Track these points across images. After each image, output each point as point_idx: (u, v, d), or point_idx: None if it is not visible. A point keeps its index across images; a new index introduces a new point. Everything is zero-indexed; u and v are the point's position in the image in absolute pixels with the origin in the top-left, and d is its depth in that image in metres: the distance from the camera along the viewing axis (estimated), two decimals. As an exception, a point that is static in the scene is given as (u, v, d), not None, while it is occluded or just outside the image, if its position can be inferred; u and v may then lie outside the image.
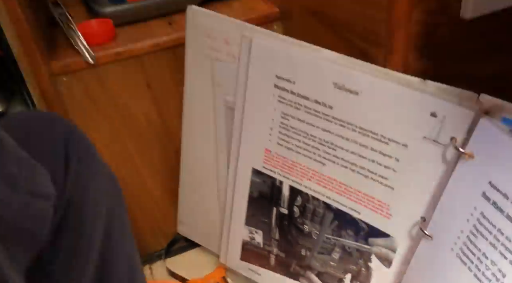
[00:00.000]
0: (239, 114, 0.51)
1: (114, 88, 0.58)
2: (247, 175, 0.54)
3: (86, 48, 0.55)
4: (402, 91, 0.39)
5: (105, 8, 0.60)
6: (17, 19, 0.50)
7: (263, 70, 0.48)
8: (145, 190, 0.67)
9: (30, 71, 0.53)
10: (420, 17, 0.37)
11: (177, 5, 0.62)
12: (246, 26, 0.48)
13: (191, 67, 0.55)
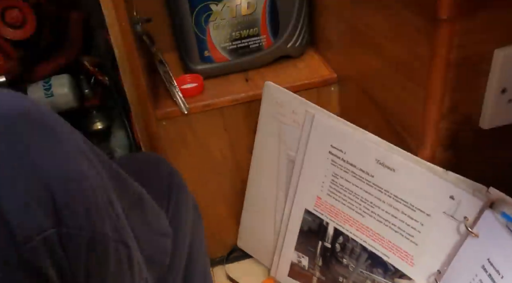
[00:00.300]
0: (298, 167, 0.65)
1: (199, 131, 0.73)
2: (300, 213, 0.68)
3: (183, 101, 0.70)
4: (428, 176, 0.51)
5: (197, 66, 0.74)
6: (137, 77, 0.65)
7: (321, 139, 0.61)
8: (214, 208, 0.82)
9: (141, 116, 0.69)
10: (447, 125, 0.48)
11: (252, 65, 0.76)
12: (309, 104, 0.61)
13: (263, 124, 0.69)
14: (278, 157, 0.69)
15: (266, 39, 0.74)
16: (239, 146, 0.76)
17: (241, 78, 0.76)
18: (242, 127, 0.75)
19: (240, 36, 0.73)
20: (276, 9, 0.72)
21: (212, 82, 0.75)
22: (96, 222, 0.31)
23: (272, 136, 0.68)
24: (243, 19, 0.71)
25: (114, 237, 0.32)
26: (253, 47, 0.74)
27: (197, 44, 0.72)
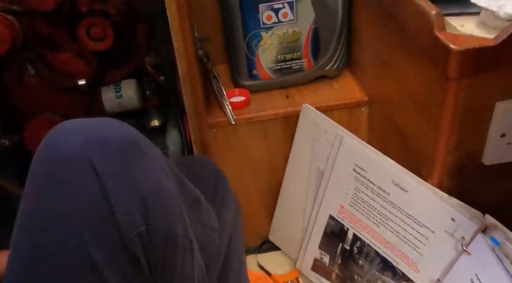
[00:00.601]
0: (326, 179, 0.75)
1: (243, 138, 0.85)
2: (325, 218, 0.79)
3: (231, 113, 0.82)
4: (435, 200, 0.60)
5: (245, 82, 0.86)
6: (196, 91, 0.77)
7: (347, 157, 0.71)
8: (252, 204, 0.94)
9: (195, 123, 0.81)
10: (453, 159, 0.57)
11: (293, 83, 0.87)
12: (340, 127, 0.71)
13: (299, 138, 0.80)
14: (309, 168, 0.79)
15: (307, 62, 0.84)
16: (276, 154, 0.87)
17: (282, 95, 0.87)
18: (280, 138, 0.86)
19: (285, 58, 0.83)
20: (318, 37, 0.82)
21: (257, 96, 0.87)
22: (171, 222, 0.43)
23: (306, 149, 0.79)
24: (288, 45, 0.81)
25: (182, 233, 0.44)
26: (295, 68, 0.85)
27: (247, 64, 0.83)
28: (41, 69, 0.89)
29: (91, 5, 0.85)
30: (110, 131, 0.41)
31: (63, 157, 0.37)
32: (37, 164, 0.38)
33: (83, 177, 0.37)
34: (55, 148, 0.37)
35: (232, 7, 0.77)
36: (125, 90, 0.97)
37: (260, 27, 0.79)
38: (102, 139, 0.39)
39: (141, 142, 0.42)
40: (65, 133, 0.38)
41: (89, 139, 0.38)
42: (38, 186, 0.38)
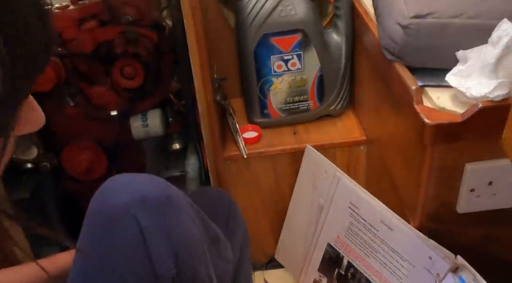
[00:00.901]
0: (325, 211, 0.85)
1: (254, 170, 0.95)
2: (324, 245, 0.89)
3: (244, 147, 0.93)
4: (416, 240, 0.70)
5: (257, 119, 0.96)
6: (213, 129, 0.88)
7: (343, 195, 0.80)
8: (260, 226, 1.04)
9: (212, 155, 0.92)
10: (431, 206, 0.66)
11: (300, 121, 0.97)
12: (337, 169, 0.81)
13: (302, 173, 0.90)
14: (312, 200, 0.89)
15: (313, 103, 0.94)
16: (283, 184, 0.98)
17: (290, 131, 0.97)
18: (287, 170, 0.96)
19: (293, 100, 0.93)
20: (323, 82, 0.92)
21: (268, 132, 0.97)
22: (196, 266, 0.51)
23: (308, 184, 0.89)
24: (296, 89, 0.92)
25: (205, 273, 0.52)
26: (302, 109, 0.95)
27: (259, 104, 0.94)
28: (79, 101, 1.02)
29: (124, 47, 0.97)
30: (151, 190, 0.49)
31: (114, 212, 0.46)
32: (91, 218, 0.48)
33: (129, 230, 0.46)
34: (106, 206, 0.47)
35: (247, 56, 0.88)
36: (151, 119, 1.08)
37: (271, 74, 0.89)
38: (144, 197, 0.48)
39: (175, 198, 0.51)
40: (115, 191, 0.48)
41: (134, 197, 0.47)
42: (92, 240, 0.48)
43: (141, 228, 0.46)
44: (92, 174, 1.09)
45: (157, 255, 0.47)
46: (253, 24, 0.82)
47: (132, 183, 0.50)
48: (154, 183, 0.51)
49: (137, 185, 0.49)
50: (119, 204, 0.47)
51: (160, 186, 0.51)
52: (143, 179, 0.51)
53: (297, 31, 0.84)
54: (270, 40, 0.84)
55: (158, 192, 0.50)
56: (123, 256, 0.47)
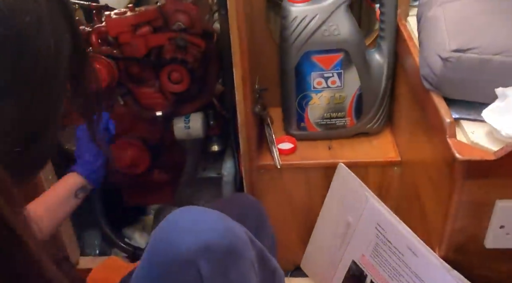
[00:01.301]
0: (352, 230, 0.86)
1: (286, 181, 0.98)
2: (348, 261, 0.90)
3: (278, 158, 0.95)
4: (440, 269, 0.70)
5: (294, 131, 0.98)
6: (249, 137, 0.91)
7: (371, 217, 0.81)
8: (288, 235, 1.07)
9: (248, 162, 0.96)
10: (458, 238, 0.66)
11: (336, 137, 0.98)
12: (367, 190, 0.82)
13: (332, 190, 0.91)
14: (340, 216, 0.91)
15: (350, 120, 0.95)
16: (314, 197, 1.00)
17: (325, 145, 0.99)
18: (319, 184, 0.98)
19: (330, 116, 0.95)
20: (361, 101, 0.92)
21: (303, 144, 0.99)
22: None
23: (338, 200, 0.90)
24: (334, 106, 0.93)
25: None
26: (338, 125, 0.96)
27: (296, 117, 0.96)
28: (128, 101, 1.08)
29: (173, 53, 1.02)
30: (216, 237, 0.48)
31: (177, 258, 0.46)
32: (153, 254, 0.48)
33: (190, 279, 0.46)
34: (171, 246, 0.46)
35: (288, 71, 0.90)
36: (193, 121, 1.13)
37: (311, 90, 0.91)
38: (208, 245, 0.47)
39: (239, 247, 0.50)
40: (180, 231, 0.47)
41: (198, 244, 0.46)
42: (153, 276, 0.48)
43: (202, 278, 0.46)
44: (135, 169, 1.15)
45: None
46: (296, 42, 0.84)
47: (198, 226, 0.48)
48: (220, 229, 0.49)
49: (203, 230, 0.48)
50: (182, 250, 0.46)
51: (226, 233, 0.49)
52: (209, 221, 0.49)
53: (339, 51, 0.85)
54: (311, 57, 0.86)
55: (224, 241, 0.48)
56: None
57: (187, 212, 0.50)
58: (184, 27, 1.05)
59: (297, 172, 0.96)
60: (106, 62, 1.00)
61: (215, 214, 0.51)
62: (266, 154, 0.98)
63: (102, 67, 0.99)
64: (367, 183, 0.92)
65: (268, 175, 0.97)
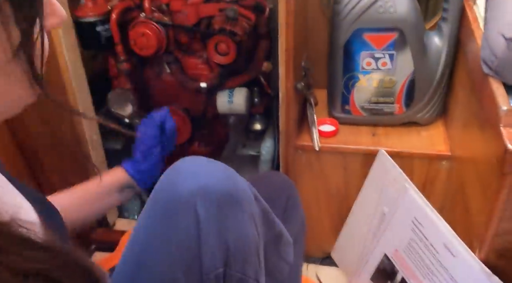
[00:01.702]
0: (387, 221, 0.81)
1: (324, 164, 0.94)
2: (380, 255, 0.85)
3: (317, 140, 0.92)
4: (478, 273, 0.63)
5: (337, 114, 0.94)
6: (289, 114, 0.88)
7: (408, 209, 0.76)
8: (320, 222, 1.03)
9: (285, 142, 0.93)
10: (501, 242, 0.60)
11: (381, 123, 0.92)
12: (408, 181, 0.76)
13: (371, 178, 0.86)
14: (376, 206, 0.86)
15: (398, 107, 0.89)
16: (351, 184, 0.95)
17: (369, 132, 0.93)
18: (357, 171, 0.93)
19: (377, 101, 0.89)
20: (413, 87, 0.86)
21: (346, 128, 0.94)
22: (246, 267, 0.51)
23: (375, 189, 0.85)
24: (383, 90, 0.87)
25: (253, 277, 0.52)
26: (386, 111, 0.90)
27: (341, 99, 0.91)
28: (175, 70, 1.09)
29: (223, 25, 1.00)
30: (215, 182, 0.49)
31: (177, 198, 0.48)
32: (156, 197, 0.49)
33: (187, 218, 0.47)
34: (172, 188, 0.48)
35: (337, 49, 0.86)
36: (236, 96, 1.12)
37: (358, 71, 0.86)
38: (207, 188, 0.48)
39: (239, 195, 0.50)
40: (182, 176, 0.49)
41: (198, 187, 0.47)
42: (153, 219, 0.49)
43: (199, 219, 0.47)
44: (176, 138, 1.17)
45: (207, 249, 0.48)
46: (347, 17, 0.79)
47: (200, 171, 0.49)
48: (221, 176, 0.50)
49: (204, 174, 0.49)
50: (183, 191, 0.48)
51: (227, 180, 0.50)
52: (212, 168, 0.50)
53: (393, 30, 0.79)
54: (362, 35, 0.81)
55: (223, 186, 0.49)
56: (176, 242, 0.48)
57: (193, 159, 0.51)
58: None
59: (335, 156, 0.92)
60: (156, 28, 1.00)
61: (219, 164, 0.51)
62: (306, 135, 0.95)
63: (152, 33, 1.00)
64: (411, 175, 0.87)
65: (305, 156, 0.94)
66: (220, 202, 0.49)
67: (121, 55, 1.03)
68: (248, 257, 0.51)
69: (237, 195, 0.50)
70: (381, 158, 0.83)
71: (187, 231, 0.48)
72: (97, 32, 0.99)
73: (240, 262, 0.50)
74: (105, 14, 0.99)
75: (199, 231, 0.47)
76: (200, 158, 0.52)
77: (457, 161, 0.82)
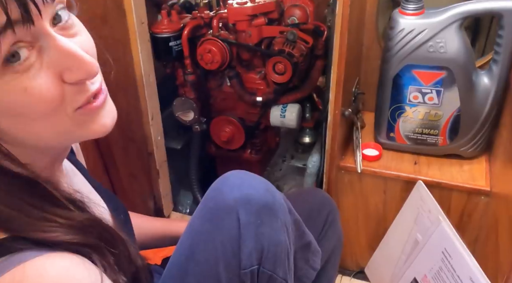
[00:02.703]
0: (419, 248, 0.86)
1: (364, 186, 1.00)
2: (410, 278, 0.90)
3: (360, 163, 0.97)
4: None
5: (382, 140, 0.99)
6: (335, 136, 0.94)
7: (440, 240, 0.80)
8: (357, 238, 1.09)
9: (329, 161, 0.99)
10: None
11: (424, 153, 0.96)
12: (442, 214, 0.80)
13: (407, 205, 0.91)
14: (410, 232, 0.90)
15: (442, 140, 0.93)
16: (389, 206, 1.00)
17: (411, 159, 0.98)
18: (397, 196, 0.98)
19: (422, 132, 0.93)
20: (459, 122, 0.89)
21: (389, 153, 0.99)
22: (276, 267, 0.60)
23: (411, 216, 0.90)
24: (428, 122, 0.91)
25: (282, 277, 0.60)
26: (429, 142, 0.94)
27: (387, 126, 0.96)
28: (234, 83, 1.18)
29: (282, 46, 1.08)
30: (256, 193, 0.58)
31: (223, 204, 0.57)
32: (207, 202, 0.59)
33: (230, 222, 0.57)
34: (219, 195, 0.58)
35: (386, 80, 0.91)
36: (289, 112, 1.20)
37: (405, 103, 0.90)
38: (249, 199, 0.57)
39: (274, 206, 0.59)
40: (229, 186, 0.59)
41: (242, 196, 0.57)
42: (203, 221, 0.59)
43: (240, 223, 0.57)
44: (230, 145, 1.27)
45: (245, 248, 0.57)
46: (398, 53, 0.84)
47: (244, 183, 0.59)
48: (262, 189, 0.59)
49: (247, 186, 0.59)
50: (228, 199, 0.57)
51: (266, 192, 0.59)
52: (254, 182, 0.60)
53: (442, 68, 0.83)
54: (412, 71, 0.85)
55: (262, 198, 0.58)
56: (220, 241, 0.57)
57: (238, 173, 0.60)
58: (297, 22, 1.10)
59: (376, 180, 0.98)
60: (221, 45, 1.10)
61: (261, 179, 0.60)
62: (350, 157, 1.01)
63: (217, 50, 1.10)
64: (448, 207, 0.90)
65: (348, 176, 1.00)
66: (259, 211, 0.58)
67: (188, 67, 1.14)
68: (278, 259, 0.60)
69: (274, 206, 0.59)
70: (419, 188, 0.88)
71: (230, 232, 0.57)
72: (169, 46, 1.11)
73: (271, 262, 0.59)
74: (177, 31, 1.10)
75: (240, 234, 0.56)
76: (245, 172, 0.62)
77: (495, 197, 0.85)
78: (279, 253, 0.60)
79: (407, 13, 0.82)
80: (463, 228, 0.78)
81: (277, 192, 0.62)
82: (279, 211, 0.60)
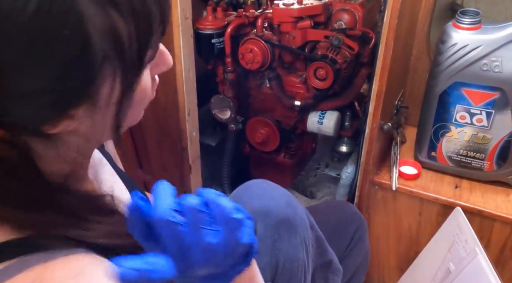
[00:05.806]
0: (451, 279, 0.80)
1: (398, 205, 0.95)
2: (437, 308, 0.84)
3: (396, 180, 0.92)
4: None
5: (422, 159, 0.93)
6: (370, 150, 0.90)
7: (474, 273, 0.74)
8: (387, 258, 1.04)
9: (363, 175, 0.95)
10: None
11: (467, 177, 0.89)
12: (479, 246, 0.74)
13: (443, 231, 0.85)
14: (443, 260, 0.85)
15: (489, 165, 0.86)
16: (423, 229, 0.94)
17: (452, 182, 0.91)
18: (432, 219, 0.92)
19: (467, 154, 0.87)
20: (510, 147, 0.82)
21: (428, 173, 0.93)
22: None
23: (445, 243, 0.84)
24: (475, 145, 0.85)
25: None
26: (474, 166, 0.87)
27: (429, 145, 0.91)
28: (274, 85, 1.16)
29: (325, 51, 1.05)
30: (276, 206, 0.57)
31: None
32: None
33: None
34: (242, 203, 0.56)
35: (432, 96, 0.85)
36: (327, 119, 1.16)
37: (451, 122, 0.84)
38: (268, 212, 0.56)
39: (295, 221, 0.57)
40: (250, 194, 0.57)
41: (261, 208, 0.56)
42: None
43: (256, 234, 0.55)
44: (264, 147, 1.25)
45: (259, 262, 0.53)
46: (448, 69, 0.79)
47: (266, 194, 0.58)
48: (283, 201, 0.57)
49: (268, 198, 0.57)
50: (246, 208, 0.56)
51: (287, 206, 0.57)
52: (276, 194, 0.58)
53: (495, 89, 0.76)
54: (461, 89, 0.79)
55: (283, 211, 0.56)
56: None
57: (261, 182, 0.59)
58: (344, 27, 1.06)
59: (412, 200, 0.92)
60: (263, 46, 1.08)
61: (284, 191, 0.58)
62: (386, 173, 0.96)
63: (259, 51, 1.08)
64: (489, 238, 0.84)
65: (381, 193, 0.95)
66: (278, 225, 0.56)
67: (229, 66, 1.13)
68: (294, 276, 0.58)
69: (294, 221, 0.57)
70: (457, 215, 0.82)
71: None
72: (212, 43, 1.10)
73: (286, 279, 0.57)
74: (221, 28, 1.09)
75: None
76: (268, 182, 0.60)
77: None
78: (295, 270, 0.58)
79: (461, 27, 0.76)
80: (503, 264, 0.72)
81: (299, 206, 0.60)
82: (299, 226, 0.58)
